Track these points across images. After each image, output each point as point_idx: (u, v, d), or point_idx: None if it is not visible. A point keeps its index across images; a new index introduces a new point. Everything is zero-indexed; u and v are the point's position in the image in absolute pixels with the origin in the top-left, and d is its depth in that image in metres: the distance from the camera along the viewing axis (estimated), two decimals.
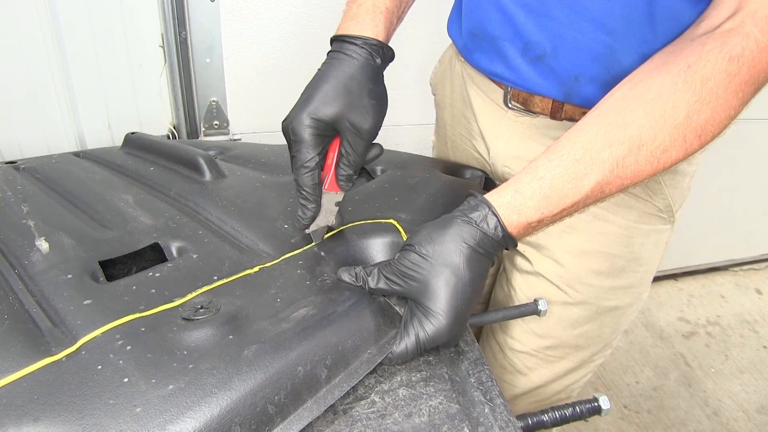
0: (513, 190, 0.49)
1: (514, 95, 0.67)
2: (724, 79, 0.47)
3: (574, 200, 0.49)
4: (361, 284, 0.51)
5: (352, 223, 0.59)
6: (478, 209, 0.49)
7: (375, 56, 0.54)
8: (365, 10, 0.57)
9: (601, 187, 0.49)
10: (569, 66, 0.60)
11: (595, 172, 0.48)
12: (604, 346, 0.77)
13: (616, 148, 0.48)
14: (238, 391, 0.39)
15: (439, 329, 0.47)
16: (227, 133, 1.11)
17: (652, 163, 0.49)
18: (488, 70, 0.68)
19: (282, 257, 0.54)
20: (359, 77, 0.53)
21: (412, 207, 0.62)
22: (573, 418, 0.52)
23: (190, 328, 0.43)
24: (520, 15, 0.61)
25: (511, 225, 0.49)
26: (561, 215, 0.50)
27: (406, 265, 0.48)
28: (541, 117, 0.66)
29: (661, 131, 0.48)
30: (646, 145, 0.48)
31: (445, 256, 0.47)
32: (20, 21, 0.88)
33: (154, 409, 0.37)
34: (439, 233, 0.48)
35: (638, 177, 0.50)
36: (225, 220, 0.60)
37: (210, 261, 0.53)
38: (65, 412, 0.36)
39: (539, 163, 0.50)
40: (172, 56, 1.00)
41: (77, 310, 0.45)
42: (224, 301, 0.46)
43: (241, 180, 0.69)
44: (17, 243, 0.54)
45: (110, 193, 0.65)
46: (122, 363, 0.40)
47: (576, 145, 0.49)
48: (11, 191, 0.64)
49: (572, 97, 0.62)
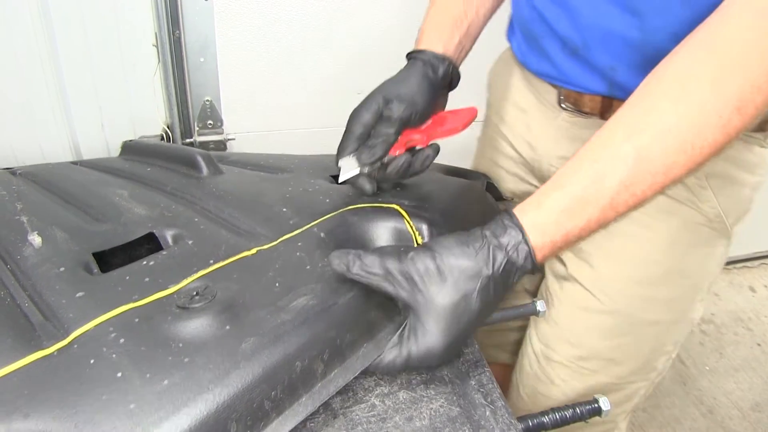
0: (536, 204, 0.45)
1: (566, 96, 0.65)
2: (755, 36, 0.40)
3: (599, 206, 0.43)
4: (353, 273, 0.46)
5: (354, 206, 0.57)
6: (510, 233, 0.45)
7: (425, 65, 0.61)
8: (423, 31, 0.65)
9: (628, 187, 0.43)
10: (603, 56, 0.57)
11: (617, 169, 0.43)
12: (644, 365, 0.70)
13: (637, 137, 0.43)
14: (235, 387, 0.38)
15: (432, 352, 0.44)
16: (221, 133, 1.10)
17: (686, 150, 0.42)
18: (538, 70, 0.67)
19: (280, 239, 0.53)
20: (406, 76, 0.60)
21: (415, 194, 0.61)
22: (573, 419, 0.52)
23: (186, 318, 0.41)
24: (549, 9, 0.60)
25: (537, 249, 0.45)
26: (589, 229, 0.45)
27: (419, 271, 0.44)
28: (593, 118, 0.63)
29: (687, 111, 0.42)
30: (671, 130, 0.42)
31: (463, 279, 0.44)
32: (12, 21, 0.88)
33: (148, 405, 0.36)
34: (463, 250, 0.44)
35: (673, 170, 0.43)
36: (222, 208, 0.59)
37: (206, 246, 0.51)
38: (56, 408, 0.35)
39: (561, 171, 0.46)
40: (166, 55, 0.99)
41: (70, 302, 0.44)
42: (220, 286, 0.45)
43: (239, 176, 0.68)
44: (9, 238, 0.53)
45: (105, 189, 0.64)
46: (115, 357, 0.39)
47: (595, 144, 0.45)
48: (6, 191, 0.63)
49: (615, 89, 0.58)
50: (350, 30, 1.08)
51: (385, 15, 1.07)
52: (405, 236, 0.55)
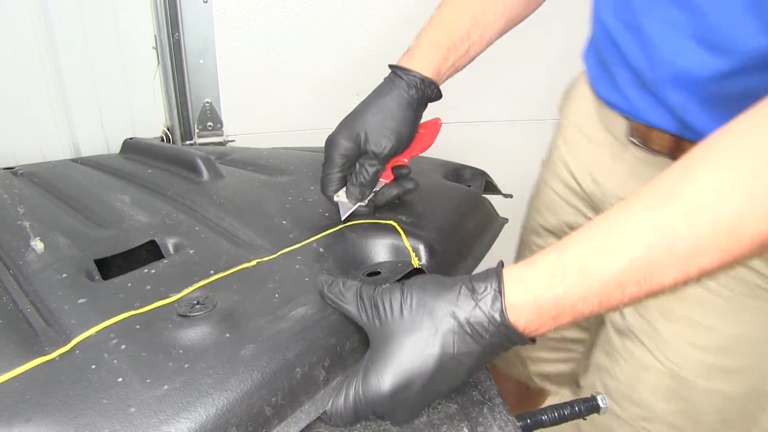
0: (528, 262, 0.39)
1: (635, 129, 0.59)
2: None
3: (601, 281, 0.36)
4: (327, 294, 0.45)
5: (352, 222, 0.59)
6: (487, 281, 0.39)
7: (410, 88, 0.57)
8: (419, 44, 0.60)
9: (640, 268, 0.35)
10: (675, 94, 0.51)
11: (631, 244, 0.35)
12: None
13: (662, 213, 0.35)
14: (234, 392, 0.38)
15: (377, 393, 0.39)
16: (221, 135, 1.11)
17: (717, 237, 0.33)
18: (607, 99, 0.62)
19: (280, 252, 0.54)
20: (389, 104, 0.56)
21: (412, 210, 0.62)
22: (572, 416, 0.52)
23: (186, 326, 0.42)
24: (623, 35, 0.54)
25: (516, 306, 0.38)
26: (589, 305, 0.37)
27: (384, 298, 0.41)
28: (663, 157, 0.57)
29: (731, 188, 0.33)
30: (705, 209, 0.34)
31: (423, 316, 0.39)
32: (12, 24, 0.88)
33: (148, 409, 0.36)
34: (435, 287, 0.41)
35: (702, 257, 0.34)
36: (222, 216, 0.59)
37: (207, 256, 0.52)
38: (58, 413, 0.36)
39: (569, 235, 0.39)
40: (165, 58, 0.99)
41: (71, 309, 0.44)
42: (221, 296, 0.46)
43: (239, 180, 0.69)
44: (12, 244, 0.53)
45: (107, 193, 0.65)
46: (116, 362, 0.39)
47: (616, 210, 0.37)
48: (8, 194, 0.64)
49: (686, 130, 0.53)
50: (349, 32, 1.08)
51: (384, 17, 1.08)
52: (402, 252, 0.56)
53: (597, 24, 0.61)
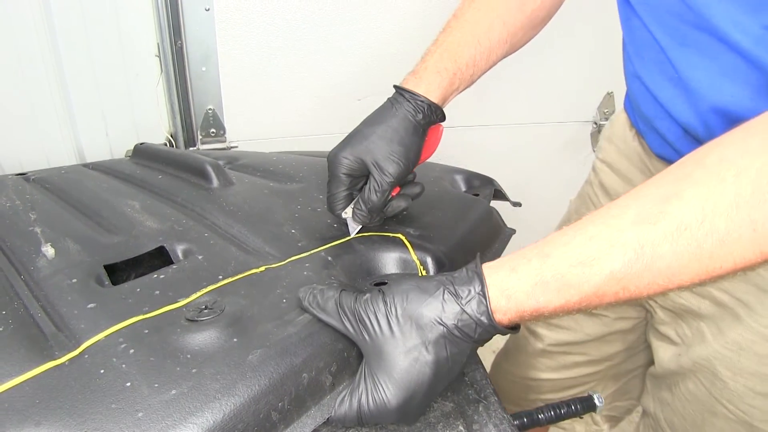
0: (509, 267, 0.40)
1: None
2: None
3: (580, 292, 0.37)
4: (308, 307, 0.45)
5: (361, 234, 0.60)
6: (470, 284, 0.40)
7: (417, 113, 0.57)
8: (426, 68, 0.60)
9: (620, 281, 0.36)
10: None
11: (611, 258, 0.36)
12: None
13: (646, 228, 0.35)
14: (241, 397, 0.39)
15: (384, 408, 0.41)
16: (224, 141, 1.11)
17: (699, 258, 0.34)
18: (661, 154, 0.60)
19: (288, 259, 0.54)
20: (396, 127, 0.56)
21: (420, 222, 0.62)
22: (568, 415, 0.52)
23: (194, 330, 0.42)
24: (664, 90, 0.52)
25: (499, 311, 0.40)
26: (567, 309, 0.39)
27: (368, 310, 0.42)
28: None
29: (715, 210, 0.33)
30: (689, 229, 0.34)
31: (411, 327, 0.40)
32: (17, 35, 0.89)
33: (156, 413, 0.37)
34: (418, 295, 0.41)
35: (682, 275, 0.35)
36: (231, 224, 0.60)
37: (215, 261, 0.53)
38: (66, 417, 0.36)
39: (552, 236, 0.40)
40: (168, 65, 1.00)
41: (81, 313, 0.45)
42: (229, 300, 0.46)
43: (249, 187, 0.69)
44: (24, 249, 0.54)
45: (117, 199, 0.65)
46: (125, 367, 0.40)
47: (599, 217, 0.38)
48: (20, 200, 0.64)
49: None
50: (351, 38, 1.09)
51: (386, 23, 1.09)
52: (410, 266, 0.57)
53: (631, 79, 0.59)
